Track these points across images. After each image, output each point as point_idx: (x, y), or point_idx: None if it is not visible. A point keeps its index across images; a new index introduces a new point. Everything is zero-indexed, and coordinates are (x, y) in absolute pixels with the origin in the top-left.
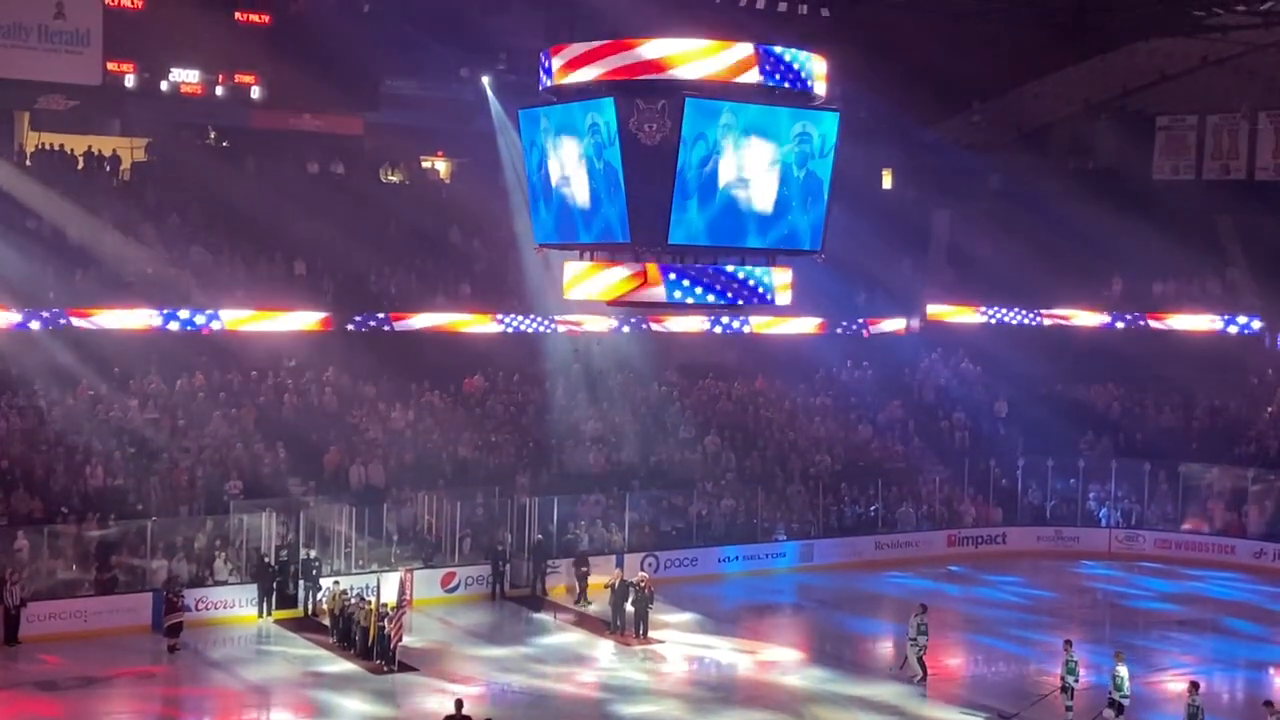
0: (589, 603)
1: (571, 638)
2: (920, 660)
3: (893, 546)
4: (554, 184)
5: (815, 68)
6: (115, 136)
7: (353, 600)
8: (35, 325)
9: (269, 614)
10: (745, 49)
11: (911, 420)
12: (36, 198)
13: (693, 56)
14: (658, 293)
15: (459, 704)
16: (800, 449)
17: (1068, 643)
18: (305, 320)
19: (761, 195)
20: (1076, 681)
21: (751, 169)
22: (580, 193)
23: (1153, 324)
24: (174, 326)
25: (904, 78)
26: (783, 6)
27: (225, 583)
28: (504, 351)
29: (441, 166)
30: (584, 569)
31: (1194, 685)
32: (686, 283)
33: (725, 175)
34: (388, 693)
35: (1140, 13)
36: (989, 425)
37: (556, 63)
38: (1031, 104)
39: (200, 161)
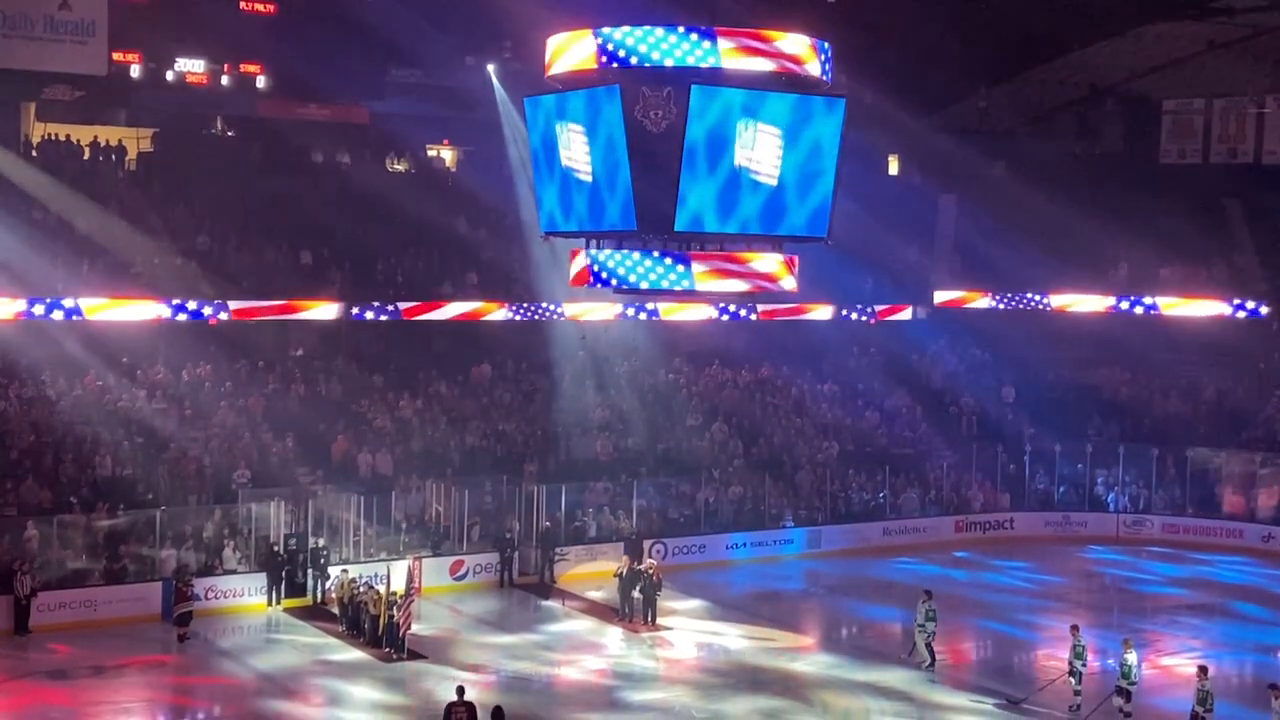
0: None
1: (580, 625)
2: (929, 646)
3: (900, 532)
4: (560, 172)
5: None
6: (121, 127)
7: (361, 588)
8: (41, 311)
9: (278, 603)
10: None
11: (919, 406)
12: (43, 188)
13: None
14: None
15: (460, 691)
16: (807, 435)
17: (1074, 627)
18: (312, 310)
19: (767, 182)
20: (1084, 666)
21: (757, 156)
22: (586, 180)
23: (1160, 309)
24: (181, 317)
25: (910, 63)
26: None
27: (234, 572)
28: (511, 340)
29: (447, 155)
30: (637, 554)
31: (1203, 669)
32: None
33: (731, 162)
34: (397, 680)
35: None
36: (996, 411)
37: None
38: (1038, 89)
39: (206, 151)
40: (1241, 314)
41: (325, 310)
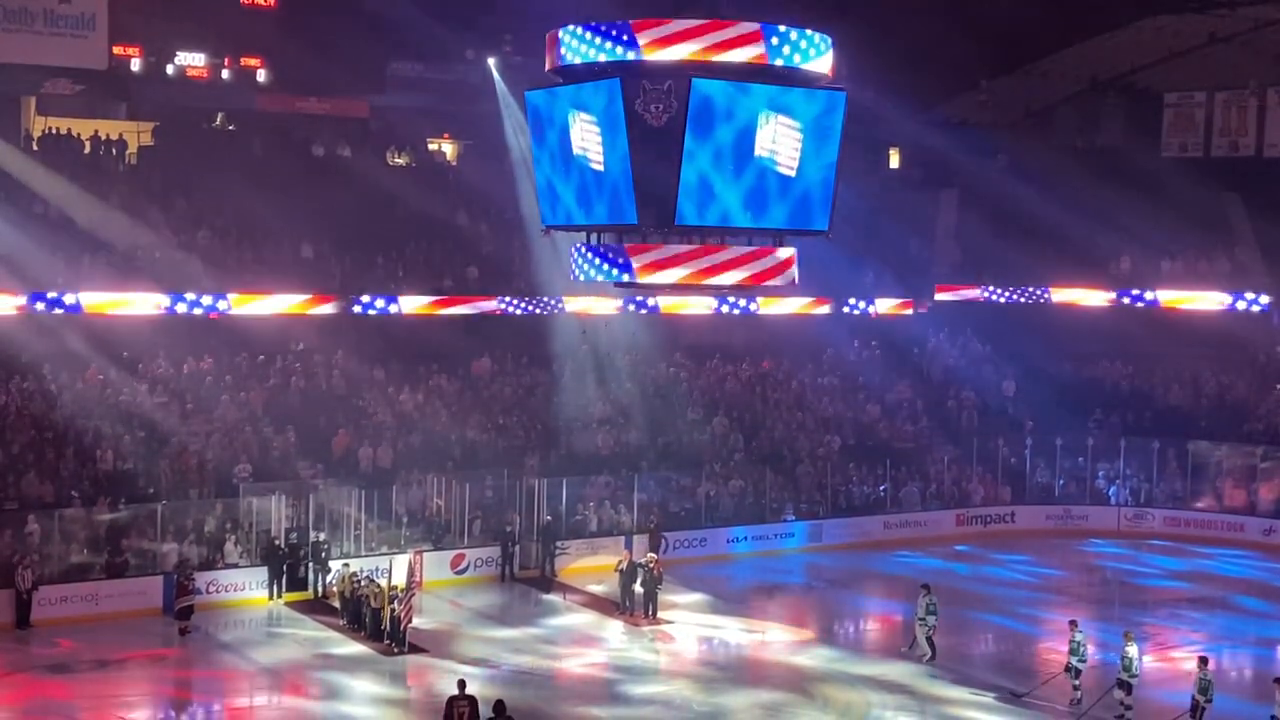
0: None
1: (580, 619)
2: (929, 639)
3: (901, 526)
4: (560, 165)
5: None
6: (121, 121)
7: (362, 582)
8: (42, 308)
9: (279, 596)
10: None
11: (919, 400)
12: (44, 182)
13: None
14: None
15: (461, 684)
16: (808, 429)
17: (1072, 623)
18: (313, 303)
19: (768, 175)
20: (1082, 661)
21: (758, 149)
22: (586, 174)
23: (1161, 302)
24: (181, 309)
25: (911, 57)
26: None
27: (235, 566)
28: (511, 334)
29: (448, 149)
30: (655, 544)
31: (1203, 660)
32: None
33: (732, 156)
34: (398, 674)
35: None
36: (997, 404)
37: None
38: (1039, 82)
39: (206, 145)
40: (1241, 304)
41: (326, 304)
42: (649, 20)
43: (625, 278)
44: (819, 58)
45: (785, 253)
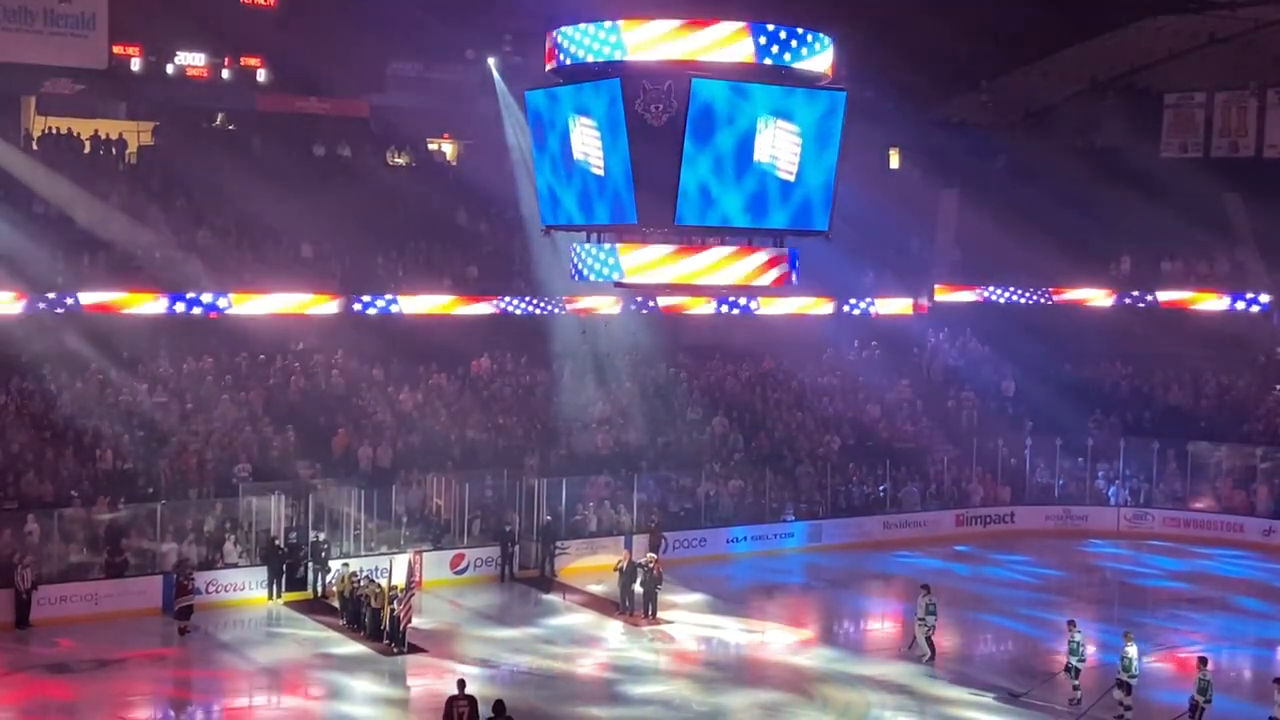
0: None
1: (580, 619)
2: (929, 640)
3: (901, 526)
4: (561, 165)
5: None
6: (121, 120)
7: (362, 582)
8: (43, 308)
9: (279, 596)
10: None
11: (919, 400)
12: (43, 182)
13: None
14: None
15: (461, 684)
16: (808, 429)
17: (1070, 623)
18: (313, 303)
19: (768, 176)
20: (1081, 661)
21: (758, 150)
22: (587, 174)
23: (1161, 303)
24: (181, 309)
25: (911, 57)
26: None
27: (235, 565)
28: (511, 333)
29: (448, 149)
30: (656, 543)
31: (1203, 660)
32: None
33: (732, 156)
34: (397, 674)
35: None
36: (997, 404)
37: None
38: (1039, 83)
39: (206, 145)
40: (1241, 304)
41: (326, 303)
42: (637, 17)
43: (616, 276)
44: (813, 56)
45: (780, 252)
